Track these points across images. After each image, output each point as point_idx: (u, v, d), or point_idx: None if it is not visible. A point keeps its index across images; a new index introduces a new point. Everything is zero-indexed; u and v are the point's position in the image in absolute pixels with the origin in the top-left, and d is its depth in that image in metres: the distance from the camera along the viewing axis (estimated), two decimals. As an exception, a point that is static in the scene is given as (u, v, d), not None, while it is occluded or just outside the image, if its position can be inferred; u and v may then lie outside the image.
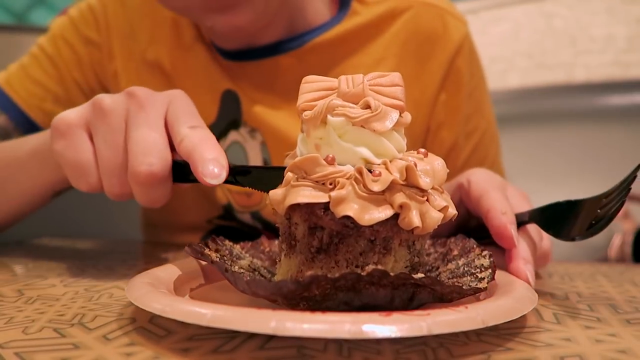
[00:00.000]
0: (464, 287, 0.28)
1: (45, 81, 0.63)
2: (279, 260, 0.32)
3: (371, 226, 0.27)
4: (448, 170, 0.31)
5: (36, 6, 1.65)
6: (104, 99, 0.39)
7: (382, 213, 0.27)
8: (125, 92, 0.40)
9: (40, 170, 0.48)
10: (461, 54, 0.62)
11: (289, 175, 0.30)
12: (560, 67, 1.54)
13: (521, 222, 0.38)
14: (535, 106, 1.41)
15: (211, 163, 0.35)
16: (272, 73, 0.59)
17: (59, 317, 0.30)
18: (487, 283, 0.29)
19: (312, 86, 0.32)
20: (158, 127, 0.38)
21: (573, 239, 0.33)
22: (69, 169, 0.40)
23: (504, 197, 0.39)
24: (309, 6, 0.60)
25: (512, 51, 1.60)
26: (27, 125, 0.63)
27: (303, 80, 0.32)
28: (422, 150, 0.31)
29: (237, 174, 0.38)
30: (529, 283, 0.33)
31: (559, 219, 0.36)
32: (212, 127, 0.61)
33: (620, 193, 0.32)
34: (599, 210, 0.32)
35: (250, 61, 0.60)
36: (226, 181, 0.36)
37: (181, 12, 0.55)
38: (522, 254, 0.35)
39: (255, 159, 0.60)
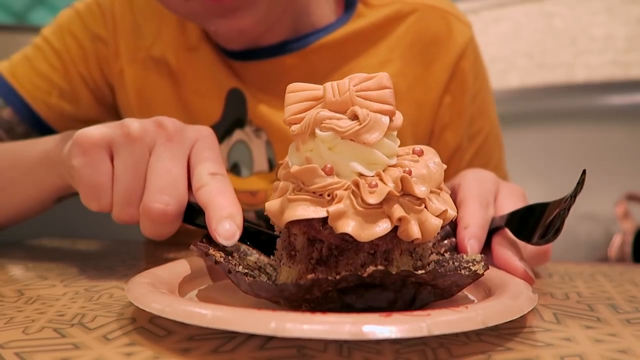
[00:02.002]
0: (463, 273, 0.28)
1: (51, 74, 0.62)
2: (279, 266, 0.32)
3: (370, 240, 0.27)
4: (445, 166, 0.31)
5: (36, 6, 1.65)
6: (133, 124, 0.38)
7: (381, 228, 0.27)
8: (155, 121, 0.39)
9: (47, 175, 0.47)
10: (466, 56, 0.62)
11: (283, 184, 0.29)
12: (561, 67, 1.53)
13: (497, 227, 0.38)
14: (535, 106, 1.41)
15: (227, 222, 0.34)
16: (277, 73, 0.59)
17: (59, 317, 0.30)
18: (484, 271, 0.29)
19: (297, 96, 0.31)
20: (181, 165, 0.38)
21: (537, 244, 0.34)
22: (83, 187, 0.39)
23: (478, 208, 0.38)
24: (313, 7, 0.60)
25: (513, 51, 1.60)
26: (31, 120, 0.62)
27: (287, 89, 0.31)
28: (417, 149, 0.31)
29: (249, 234, 0.37)
30: (529, 279, 0.33)
31: (527, 222, 0.36)
32: (217, 126, 0.61)
33: (568, 201, 0.32)
34: (554, 214, 0.33)
35: (255, 61, 0.60)
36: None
37: (184, 16, 0.55)
38: (507, 255, 0.35)
39: (260, 158, 0.60)
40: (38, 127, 0.63)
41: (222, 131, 0.61)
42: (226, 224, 0.34)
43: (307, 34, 0.60)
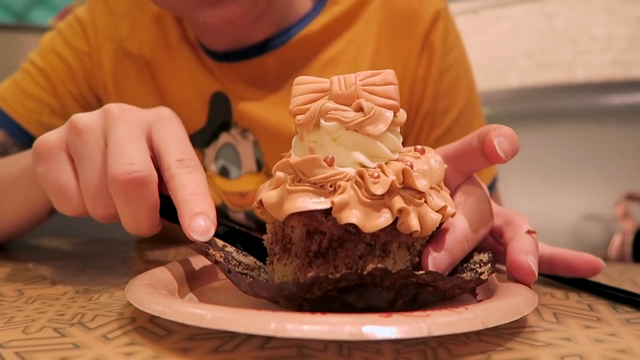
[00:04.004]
0: (465, 276, 0.27)
1: (40, 94, 0.63)
2: (270, 264, 0.31)
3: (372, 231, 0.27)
4: (446, 166, 0.31)
5: (36, 6, 1.65)
6: (79, 117, 0.37)
7: (384, 219, 0.27)
8: (102, 109, 0.38)
9: (32, 188, 0.47)
10: (435, 29, 0.61)
11: (280, 175, 0.29)
12: (561, 66, 1.53)
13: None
14: (535, 106, 1.41)
15: (200, 218, 0.33)
16: (260, 72, 0.60)
17: (59, 317, 0.30)
18: (488, 275, 0.29)
19: (303, 88, 0.31)
20: (138, 138, 0.36)
21: None
22: (51, 193, 0.37)
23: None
24: (296, 0, 0.60)
25: (513, 51, 1.60)
26: (25, 140, 0.63)
27: (295, 82, 0.31)
28: (419, 147, 0.31)
29: (238, 237, 0.36)
30: (532, 274, 0.31)
31: None
32: (203, 131, 0.61)
33: None
34: None
35: (238, 62, 0.60)
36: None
37: (172, 8, 0.55)
38: (524, 247, 0.32)
39: (247, 159, 0.61)
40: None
41: (209, 135, 0.61)
42: (200, 220, 0.32)
43: (288, 27, 0.60)
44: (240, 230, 0.37)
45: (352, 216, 0.26)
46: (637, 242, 1.16)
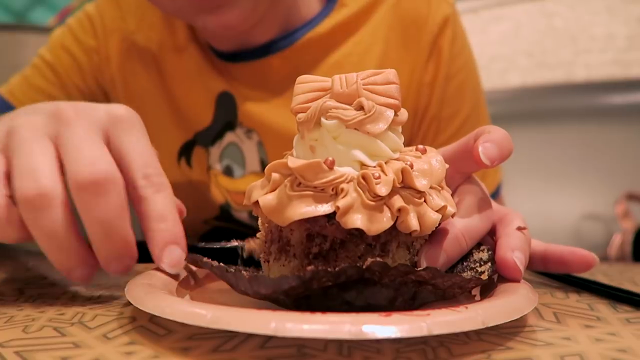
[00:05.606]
0: (465, 275, 0.27)
1: (47, 88, 0.63)
2: (266, 262, 0.31)
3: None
4: (447, 166, 0.31)
5: (36, 5, 1.65)
6: (17, 117, 0.33)
7: (387, 220, 0.27)
8: (51, 110, 0.33)
9: None
10: (443, 34, 0.61)
11: (276, 177, 0.28)
12: (561, 66, 1.53)
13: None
14: (535, 105, 1.41)
15: (173, 248, 0.31)
16: (266, 73, 0.60)
17: (59, 316, 0.30)
18: (488, 276, 0.29)
19: (305, 87, 0.31)
20: (98, 138, 0.32)
21: None
22: None
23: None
24: (301, 1, 0.60)
25: (513, 50, 1.60)
26: None
27: (297, 81, 0.31)
28: (421, 146, 0.31)
29: (197, 251, 0.35)
30: (517, 270, 0.30)
31: None
32: (208, 130, 0.61)
33: None
34: None
35: (244, 62, 0.60)
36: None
37: (172, 13, 0.55)
38: (511, 243, 0.32)
39: (252, 159, 0.61)
40: None
41: (214, 134, 0.61)
42: (174, 251, 0.31)
43: (295, 29, 0.60)
44: (214, 248, 0.35)
45: (357, 220, 0.26)
46: (637, 242, 1.16)
